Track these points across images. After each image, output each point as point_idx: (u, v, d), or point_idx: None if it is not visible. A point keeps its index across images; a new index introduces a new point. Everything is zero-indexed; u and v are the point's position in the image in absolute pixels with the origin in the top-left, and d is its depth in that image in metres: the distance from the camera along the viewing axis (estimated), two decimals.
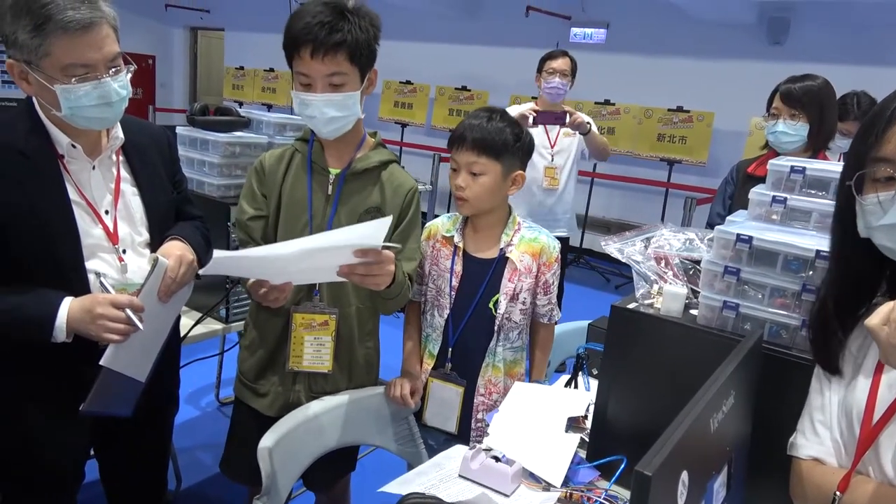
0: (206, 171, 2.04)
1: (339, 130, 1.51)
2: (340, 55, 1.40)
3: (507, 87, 6.97)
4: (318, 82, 1.43)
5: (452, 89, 7.32)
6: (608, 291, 5.78)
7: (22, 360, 1.34)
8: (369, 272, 1.31)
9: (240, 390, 1.69)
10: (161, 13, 9.63)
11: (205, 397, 3.21)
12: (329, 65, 1.41)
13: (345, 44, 1.39)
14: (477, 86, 7.18)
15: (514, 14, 6.74)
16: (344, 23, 1.39)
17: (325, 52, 1.39)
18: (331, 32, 1.38)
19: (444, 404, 1.66)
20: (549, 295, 1.70)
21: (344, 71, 1.42)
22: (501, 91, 6.96)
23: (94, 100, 1.27)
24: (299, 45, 1.40)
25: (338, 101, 1.45)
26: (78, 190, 1.35)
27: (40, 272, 1.29)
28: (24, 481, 1.44)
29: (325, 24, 1.38)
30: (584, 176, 6.52)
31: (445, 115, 7.39)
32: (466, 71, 7.32)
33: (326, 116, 1.45)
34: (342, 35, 1.39)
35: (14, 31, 1.22)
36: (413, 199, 1.61)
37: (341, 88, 1.44)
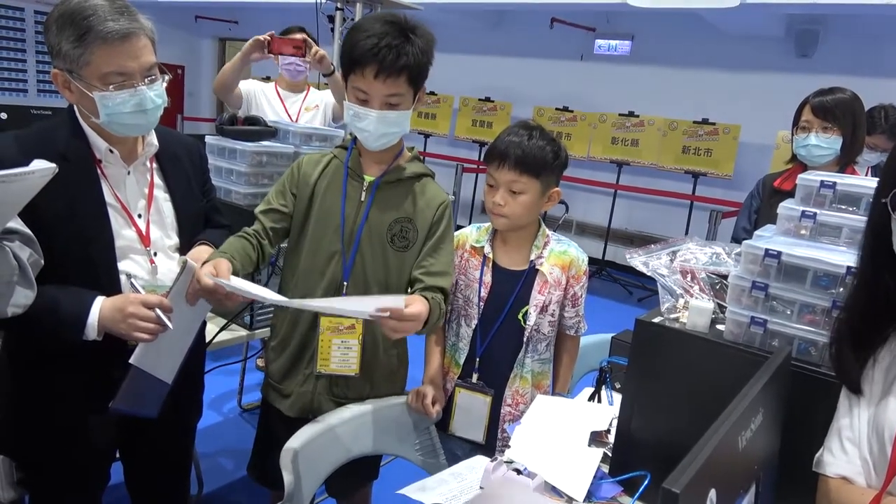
0: (233, 180, 2.08)
1: (386, 144, 1.54)
2: (402, 78, 1.44)
3: (530, 98, 6.98)
4: (375, 100, 1.46)
5: (476, 100, 7.35)
6: (630, 304, 5.73)
7: (53, 357, 1.37)
8: (395, 329, 1.33)
9: (267, 391, 1.71)
10: (191, 24, 9.81)
11: (227, 403, 3.24)
12: (390, 87, 1.44)
13: (407, 67, 1.43)
14: (500, 97, 7.20)
15: (538, 26, 6.76)
16: (409, 46, 1.42)
17: (389, 75, 1.42)
18: (398, 57, 1.41)
19: (471, 414, 1.66)
20: (577, 307, 1.71)
21: (402, 92, 1.46)
22: (525, 102, 6.97)
23: (131, 107, 1.32)
24: (364, 64, 1.42)
25: (392, 119, 1.48)
26: (113, 193, 1.40)
27: (74, 271, 1.33)
28: (51, 478, 1.48)
29: (393, 48, 1.40)
30: (606, 188, 6.51)
31: (469, 125, 7.42)
32: (490, 82, 7.34)
33: (379, 132, 1.49)
34: (407, 59, 1.42)
35: (59, 42, 1.28)
36: (445, 213, 1.62)
37: (396, 107, 1.48)
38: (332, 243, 1.57)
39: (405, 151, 1.64)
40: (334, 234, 1.57)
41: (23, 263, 1.13)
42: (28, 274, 1.15)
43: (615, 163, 6.45)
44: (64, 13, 1.27)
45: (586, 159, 6.58)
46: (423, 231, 1.59)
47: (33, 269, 1.17)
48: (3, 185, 0.96)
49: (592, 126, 6.59)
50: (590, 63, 6.85)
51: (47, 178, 1.02)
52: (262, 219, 1.58)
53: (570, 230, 6.80)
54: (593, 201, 6.79)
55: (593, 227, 6.90)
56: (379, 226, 1.57)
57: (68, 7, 1.28)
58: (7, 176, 0.96)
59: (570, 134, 6.68)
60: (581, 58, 6.89)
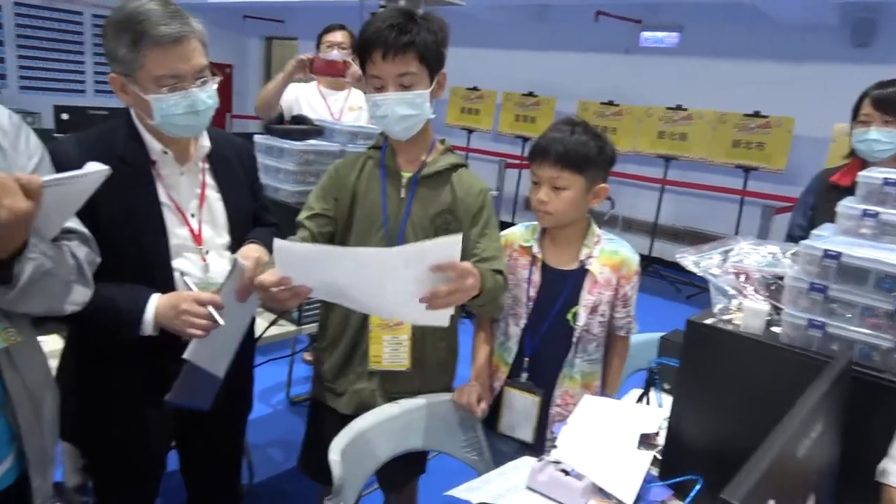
0: (281, 178, 2.11)
1: (410, 130, 1.54)
2: (410, 55, 1.46)
3: (574, 92, 6.90)
4: (389, 83, 1.48)
5: (519, 95, 7.30)
6: (679, 301, 5.61)
7: (112, 353, 1.42)
8: (454, 288, 1.24)
9: (318, 391, 1.74)
10: (239, 24, 10.00)
11: (276, 395, 3.31)
12: (399, 65, 1.46)
13: (413, 44, 1.45)
14: (544, 91, 7.14)
15: (582, 19, 6.67)
16: (412, 25, 1.46)
17: (396, 53, 1.45)
18: (400, 34, 1.44)
19: (519, 413, 1.66)
20: (628, 308, 1.68)
21: (413, 71, 1.47)
22: (569, 97, 6.89)
23: (183, 108, 1.35)
24: (371, 48, 1.47)
25: (408, 100, 1.49)
26: (168, 193, 1.44)
27: (131, 269, 1.37)
28: (113, 469, 1.54)
29: (395, 27, 1.44)
30: (653, 183, 6.39)
31: (512, 121, 7.37)
32: (533, 77, 7.28)
33: (398, 114, 1.50)
34: (411, 36, 1.45)
35: (115, 47, 1.33)
36: (485, 199, 1.63)
37: (411, 88, 1.49)
38: (378, 242, 1.58)
39: (437, 144, 1.66)
40: (378, 232, 1.59)
41: (80, 262, 1.17)
42: (85, 272, 1.19)
43: (662, 157, 6.32)
44: (119, 19, 1.32)
45: (632, 154, 6.47)
46: (465, 221, 1.60)
47: (90, 267, 1.21)
48: (58, 188, 0.99)
49: (639, 120, 6.48)
50: (636, 56, 6.72)
51: (100, 180, 1.05)
52: (308, 225, 1.59)
53: (615, 226, 6.70)
54: (640, 196, 6.68)
55: (640, 223, 6.78)
56: (422, 220, 1.58)
57: (123, 13, 1.32)
58: (62, 179, 1.00)
59: (615, 128, 6.58)
60: (626, 51, 6.77)
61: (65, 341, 1.54)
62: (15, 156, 1.11)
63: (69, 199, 1.07)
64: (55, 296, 1.12)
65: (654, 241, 6.47)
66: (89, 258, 1.21)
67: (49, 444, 1.21)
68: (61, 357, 1.51)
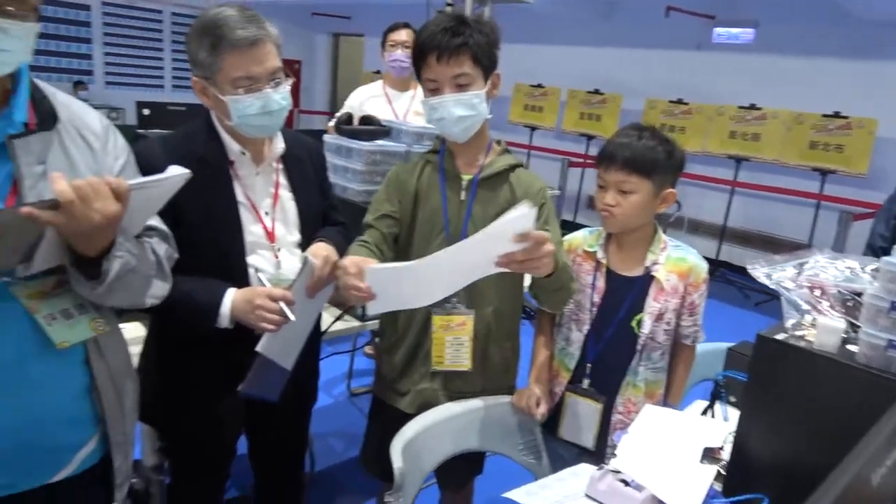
0: (349, 177, 2.17)
1: (467, 131, 1.56)
2: (463, 57, 1.49)
3: (642, 90, 6.75)
4: (444, 85, 1.51)
5: (584, 93, 7.20)
6: (747, 308, 5.43)
7: (190, 343, 1.49)
8: (529, 256, 1.28)
9: (380, 390, 1.78)
10: (308, 20, 10.23)
11: (337, 387, 3.40)
12: (453, 66, 1.49)
13: (467, 46, 1.48)
14: (610, 89, 7.01)
15: (652, 15, 6.50)
16: (465, 27, 1.49)
17: (450, 56, 1.48)
18: (453, 36, 1.47)
19: (580, 419, 1.65)
20: (695, 316, 1.66)
21: (468, 71, 1.50)
22: (636, 94, 6.75)
23: (257, 109, 1.41)
24: (426, 52, 1.50)
25: (465, 100, 1.51)
26: (244, 192, 1.50)
27: (208, 264, 1.44)
28: (188, 452, 1.63)
29: (448, 30, 1.48)
30: (723, 184, 6.19)
31: (576, 119, 7.28)
32: (599, 74, 7.16)
33: (455, 116, 1.52)
34: (464, 38, 1.48)
35: (196, 52, 1.40)
36: (545, 196, 1.64)
37: (467, 88, 1.51)
38: (439, 244, 1.61)
39: (494, 145, 1.67)
40: (439, 234, 1.61)
41: (160, 258, 1.24)
42: (164, 268, 1.26)
43: (733, 158, 6.12)
44: (200, 25, 1.39)
45: (701, 154, 6.29)
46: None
47: (168, 262, 1.28)
48: (143, 191, 1.06)
49: (709, 119, 6.28)
50: (707, 52, 6.51)
51: (182, 182, 1.11)
52: (377, 225, 1.62)
53: (681, 228, 6.53)
54: (707, 198, 6.48)
55: (707, 226, 6.58)
56: (483, 221, 1.59)
57: (204, 20, 1.40)
58: (146, 183, 1.07)
59: (684, 127, 6.41)
60: (698, 47, 6.57)
61: (147, 330, 1.63)
62: (104, 156, 1.19)
63: (152, 200, 1.14)
64: (137, 290, 1.19)
65: (721, 244, 6.27)
66: (168, 254, 1.28)
67: (129, 427, 1.29)
68: (144, 345, 1.60)
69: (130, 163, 1.26)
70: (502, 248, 1.27)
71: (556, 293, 1.54)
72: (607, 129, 6.95)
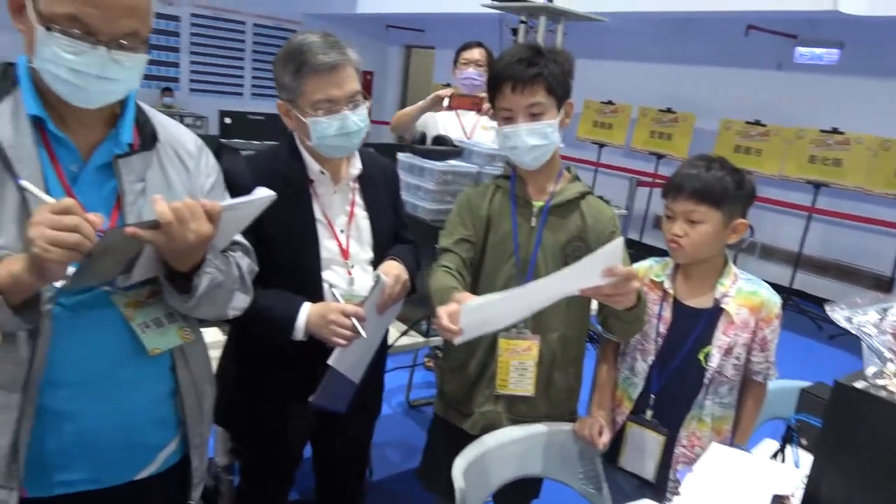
0: (420, 196, 2.21)
1: (539, 159, 1.58)
2: (537, 87, 1.52)
3: (716, 109, 6.58)
4: (518, 114, 1.54)
5: (656, 111, 7.07)
6: (820, 341, 5.19)
7: (267, 354, 1.57)
8: (616, 291, 1.32)
9: (442, 409, 1.81)
10: (382, 33, 10.45)
11: (396, 398, 3.45)
12: (527, 96, 1.52)
13: (541, 76, 1.51)
14: (683, 107, 6.86)
15: (731, 33, 6.34)
16: (540, 58, 1.52)
17: (524, 86, 1.51)
18: (528, 67, 1.51)
19: (642, 450, 1.64)
20: (767, 352, 1.62)
21: (542, 101, 1.53)
22: (710, 114, 6.58)
23: (335, 130, 1.47)
24: (501, 82, 1.54)
25: (537, 130, 1.54)
26: (322, 210, 1.57)
27: (286, 277, 1.51)
28: (259, 455, 1.70)
29: (524, 60, 1.52)
30: (800, 210, 5.96)
31: (646, 137, 7.16)
32: (672, 92, 7.02)
33: (528, 144, 1.55)
34: (538, 69, 1.51)
35: (282, 76, 1.48)
36: (615, 224, 1.66)
37: (540, 118, 1.54)
38: (509, 269, 1.63)
39: (564, 172, 1.69)
40: (509, 260, 1.64)
41: (242, 272, 1.31)
42: (246, 281, 1.32)
43: (812, 183, 5.87)
44: (286, 52, 1.48)
45: (777, 178, 6.07)
46: (597, 247, 1.59)
47: (250, 276, 1.35)
48: (232, 212, 1.13)
49: (787, 142, 6.06)
50: (788, 73, 6.29)
51: (267, 203, 1.18)
52: (455, 250, 1.64)
53: (753, 253, 6.32)
54: (782, 223, 6.24)
55: (781, 252, 6.34)
56: (553, 248, 1.62)
57: (290, 46, 1.48)
58: (236, 204, 1.14)
59: (760, 150, 6.20)
60: (778, 67, 6.36)
61: (225, 337, 1.71)
62: (197, 175, 1.27)
63: (240, 220, 1.21)
64: (222, 303, 1.26)
65: (796, 272, 6.03)
66: (250, 268, 1.35)
67: (206, 430, 1.36)
68: (223, 352, 1.69)
69: (219, 181, 1.34)
70: (590, 281, 1.31)
71: (631, 325, 1.55)
72: (678, 149, 6.80)
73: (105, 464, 1.17)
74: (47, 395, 1.08)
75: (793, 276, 6.00)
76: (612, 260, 1.29)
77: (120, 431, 1.17)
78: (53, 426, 1.10)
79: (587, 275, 1.30)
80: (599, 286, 1.31)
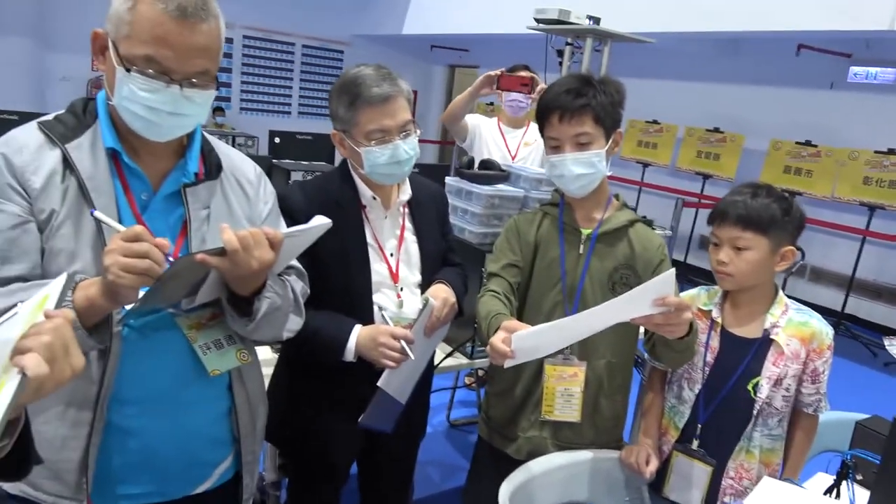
0: (467, 220, 2.24)
1: (585, 188, 1.60)
2: (585, 117, 1.53)
3: (766, 129, 6.47)
4: (565, 143, 1.56)
5: (703, 130, 6.98)
6: (874, 368, 5.01)
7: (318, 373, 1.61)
8: (667, 321, 1.34)
9: (487, 433, 1.82)
10: (427, 53, 10.59)
11: (437, 417, 3.46)
12: (575, 126, 1.54)
13: (589, 107, 1.53)
14: (731, 128, 6.76)
15: (782, 52, 6.23)
16: (589, 89, 1.54)
17: (572, 116, 1.53)
18: (576, 98, 1.53)
19: (688, 480, 1.62)
20: (818, 384, 1.59)
21: (589, 131, 1.55)
22: (759, 134, 6.47)
23: (386, 159, 1.51)
24: (549, 112, 1.57)
25: (584, 159, 1.56)
26: (373, 234, 1.61)
27: (338, 300, 1.55)
28: (308, 473, 1.74)
29: (572, 91, 1.54)
30: (853, 233, 5.79)
31: (693, 157, 7.07)
32: (720, 111, 6.92)
33: (574, 173, 1.56)
34: (587, 99, 1.53)
35: (337, 108, 1.54)
36: (664, 253, 1.66)
37: (587, 147, 1.55)
38: (556, 296, 1.64)
39: (613, 200, 1.69)
40: (556, 285, 1.65)
41: (296, 295, 1.35)
42: (300, 303, 1.37)
43: (866, 206, 5.70)
44: (340, 84, 1.53)
45: (829, 199, 5.92)
46: (645, 275, 1.61)
47: (302, 298, 1.39)
48: (290, 239, 1.17)
49: (840, 163, 5.91)
50: (841, 92, 6.14)
51: (324, 230, 1.22)
52: (503, 275, 1.66)
53: (803, 276, 6.16)
54: (834, 246, 6.07)
55: (832, 275, 6.16)
56: (600, 275, 1.62)
57: (345, 79, 1.54)
58: (295, 232, 1.19)
59: (810, 171, 6.06)
60: (831, 86, 6.22)
61: (277, 356, 1.76)
62: (256, 202, 1.33)
63: (297, 246, 1.26)
64: (279, 326, 1.30)
65: (848, 296, 5.84)
66: (303, 291, 1.39)
67: (258, 448, 1.41)
68: (274, 371, 1.73)
69: (276, 207, 1.39)
70: (641, 310, 1.32)
71: (681, 354, 1.54)
72: (726, 169, 6.69)
73: (166, 479, 1.22)
74: (115, 412, 1.14)
75: (845, 301, 5.82)
76: (664, 290, 1.29)
77: (181, 448, 1.22)
78: (119, 442, 1.16)
79: (638, 304, 1.31)
80: (650, 315, 1.32)
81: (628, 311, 1.34)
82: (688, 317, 1.35)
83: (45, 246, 1.08)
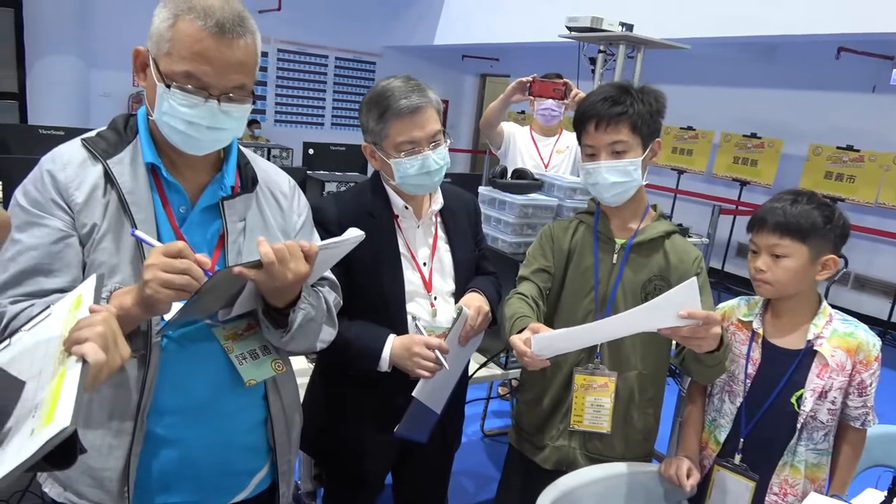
0: (500, 229, 2.24)
1: (620, 196, 1.58)
2: (622, 125, 1.52)
3: (805, 134, 6.32)
4: (601, 151, 1.55)
5: (740, 136, 6.85)
6: None
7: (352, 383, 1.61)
8: (693, 334, 1.30)
9: (517, 441, 1.80)
10: (458, 62, 10.63)
11: (471, 426, 3.44)
12: (611, 134, 1.53)
13: (626, 115, 1.52)
14: (769, 133, 6.62)
15: (821, 56, 6.09)
16: (626, 97, 1.53)
17: (608, 124, 1.52)
18: (613, 105, 1.52)
19: (730, 495, 1.58)
20: (865, 397, 1.53)
21: (625, 139, 1.53)
22: (798, 140, 6.33)
23: (416, 169, 1.52)
24: (585, 120, 1.56)
25: (619, 168, 1.54)
26: (406, 244, 1.61)
27: (372, 310, 1.56)
28: (344, 482, 1.74)
29: (608, 99, 1.53)
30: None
31: (729, 163, 6.94)
32: (757, 116, 6.79)
33: (608, 182, 1.55)
34: (623, 108, 1.52)
35: (367, 121, 1.55)
36: (700, 265, 1.62)
37: (623, 156, 1.54)
38: (588, 303, 1.63)
39: (650, 210, 1.67)
40: (589, 293, 1.63)
41: (330, 306, 1.36)
42: (333, 314, 1.37)
43: None
44: (370, 97, 1.54)
45: (874, 205, 5.75)
46: None
47: (335, 309, 1.40)
48: (325, 252, 1.18)
49: (884, 168, 5.74)
50: (884, 95, 5.97)
51: (357, 242, 1.23)
52: (534, 279, 1.66)
53: (846, 284, 5.98)
54: (879, 253, 5.89)
55: (877, 283, 5.97)
56: (633, 285, 1.60)
57: (374, 92, 1.54)
58: (329, 244, 1.19)
59: (853, 176, 5.90)
60: (873, 89, 6.05)
61: (312, 366, 1.77)
62: (290, 214, 1.35)
63: (331, 258, 1.27)
64: (313, 337, 1.31)
65: (895, 304, 5.66)
66: (336, 302, 1.40)
67: (293, 457, 1.41)
68: (310, 381, 1.75)
69: (309, 220, 1.41)
70: (666, 321, 1.29)
71: (710, 369, 1.50)
72: (764, 175, 6.56)
73: (204, 488, 1.23)
74: (154, 422, 1.16)
75: (892, 309, 5.64)
76: (688, 300, 1.26)
77: (218, 457, 1.23)
78: (158, 451, 1.18)
79: (662, 315, 1.28)
80: (677, 328, 1.29)
81: (652, 320, 1.31)
82: (716, 331, 1.31)
83: (87, 259, 1.11)
